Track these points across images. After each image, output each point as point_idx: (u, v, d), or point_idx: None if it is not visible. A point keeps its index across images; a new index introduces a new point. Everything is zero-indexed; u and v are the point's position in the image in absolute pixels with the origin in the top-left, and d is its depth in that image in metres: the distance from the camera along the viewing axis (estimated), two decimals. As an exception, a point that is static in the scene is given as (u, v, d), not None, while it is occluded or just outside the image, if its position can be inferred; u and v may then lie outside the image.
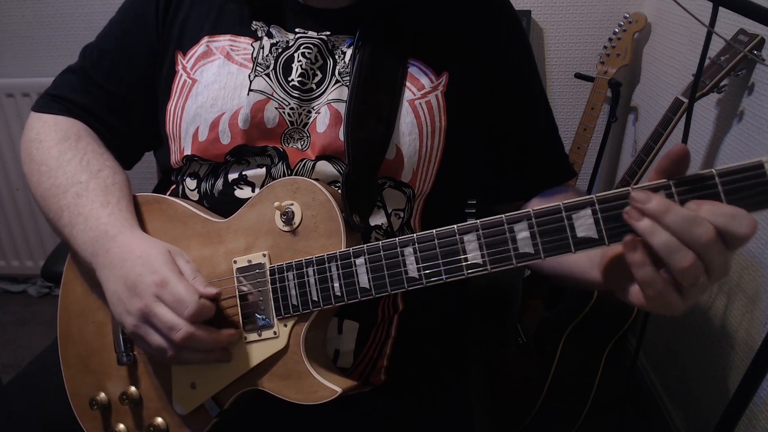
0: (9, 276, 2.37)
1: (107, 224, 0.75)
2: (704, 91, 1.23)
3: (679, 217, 0.50)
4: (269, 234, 0.72)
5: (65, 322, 0.83)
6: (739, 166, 0.50)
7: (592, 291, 1.41)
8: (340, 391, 0.67)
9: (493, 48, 0.82)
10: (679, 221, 0.50)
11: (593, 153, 1.80)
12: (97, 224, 0.75)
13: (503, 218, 0.59)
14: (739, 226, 0.49)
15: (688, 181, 0.52)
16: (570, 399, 1.54)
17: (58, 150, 0.82)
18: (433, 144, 0.79)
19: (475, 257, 0.60)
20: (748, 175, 0.50)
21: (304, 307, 0.69)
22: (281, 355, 0.70)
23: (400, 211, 0.80)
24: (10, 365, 1.98)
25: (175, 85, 0.83)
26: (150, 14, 0.86)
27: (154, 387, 0.77)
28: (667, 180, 0.53)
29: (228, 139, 0.79)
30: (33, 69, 2.05)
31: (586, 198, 0.56)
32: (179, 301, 0.66)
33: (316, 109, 0.79)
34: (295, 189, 0.71)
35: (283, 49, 0.80)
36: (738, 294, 1.27)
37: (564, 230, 0.56)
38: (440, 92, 0.79)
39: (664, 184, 0.53)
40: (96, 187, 0.78)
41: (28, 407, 0.85)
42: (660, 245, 0.51)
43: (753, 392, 1.00)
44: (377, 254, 0.65)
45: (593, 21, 1.83)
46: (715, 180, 0.51)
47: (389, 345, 0.83)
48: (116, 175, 0.82)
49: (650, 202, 0.51)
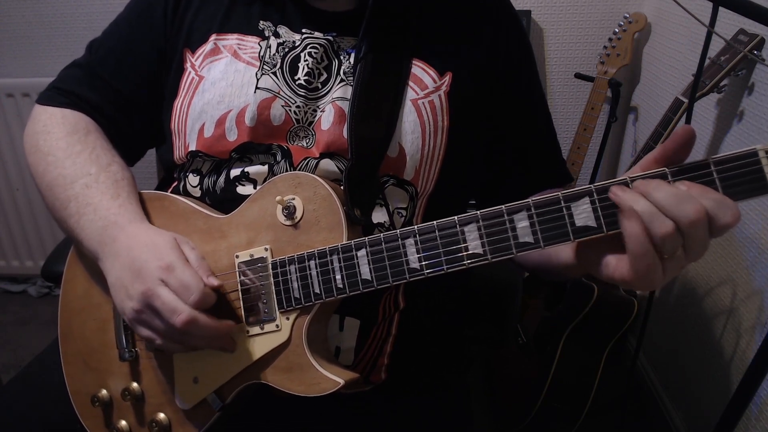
0: (9, 276, 2.36)
1: (117, 215, 0.75)
2: (704, 91, 1.23)
3: (668, 193, 0.52)
4: (271, 228, 0.72)
5: (66, 320, 0.83)
6: (733, 154, 0.52)
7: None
8: (342, 383, 0.67)
9: (494, 49, 0.83)
10: (667, 197, 0.52)
11: (593, 153, 1.81)
12: (107, 214, 0.75)
13: (503, 209, 0.60)
14: (724, 214, 0.51)
15: (685, 169, 0.54)
16: (570, 399, 1.54)
17: (66, 142, 0.82)
18: (436, 143, 0.80)
19: (476, 247, 0.61)
20: (743, 163, 0.52)
21: (306, 300, 0.69)
22: (284, 348, 0.70)
23: (403, 209, 0.81)
24: (10, 365, 1.97)
25: (182, 82, 0.84)
26: (158, 13, 0.86)
27: (156, 382, 0.77)
28: (664, 168, 0.54)
29: (234, 135, 0.79)
30: (33, 69, 2.05)
31: (584, 188, 0.57)
32: (185, 286, 0.67)
33: (321, 107, 0.80)
34: (297, 183, 0.72)
35: (290, 48, 0.81)
36: (738, 294, 1.27)
37: (563, 219, 0.57)
38: (443, 92, 0.80)
39: (661, 172, 0.54)
40: (106, 180, 0.79)
41: (28, 407, 0.85)
42: (643, 211, 0.52)
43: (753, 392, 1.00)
44: (379, 246, 0.65)
45: (593, 21, 1.83)
46: (711, 168, 0.53)
47: (390, 343, 0.83)
48: (124, 171, 0.82)
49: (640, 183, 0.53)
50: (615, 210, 0.55)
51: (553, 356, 1.51)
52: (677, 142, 0.54)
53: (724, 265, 1.33)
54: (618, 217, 0.55)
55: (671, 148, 0.54)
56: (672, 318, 1.59)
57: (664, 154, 0.55)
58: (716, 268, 1.36)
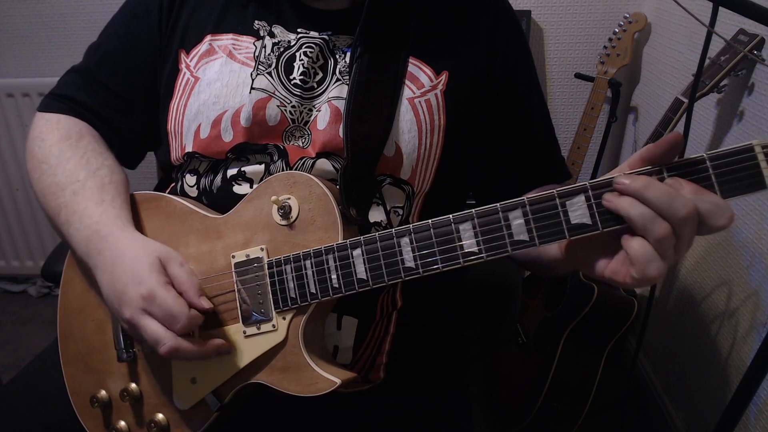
0: (9, 276, 2.37)
1: (99, 223, 0.74)
2: (704, 91, 1.23)
3: (661, 191, 0.52)
4: (267, 228, 0.72)
5: (65, 321, 0.83)
6: (729, 150, 0.52)
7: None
8: (339, 383, 0.67)
9: (491, 47, 0.83)
10: (660, 195, 0.52)
11: (593, 153, 1.81)
12: (90, 223, 0.75)
13: (498, 206, 0.60)
14: (720, 217, 0.52)
15: (680, 165, 0.54)
16: (570, 399, 1.54)
17: (59, 148, 0.82)
18: (432, 142, 0.80)
19: (471, 245, 0.61)
20: (739, 159, 0.52)
21: (302, 299, 0.69)
22: (280, 348, 0.70)
23: (399, 208, 0.81)
24: (10, 365, 1.98)
25: (178, 84, 0.84)
26: (153, 14, 0.86)
27: (155, 383, 0.77)
28: (659, 165, 0.54)
29: (230, 136, 0.79)
30: (33, 69, 2.05)
31: (579, 185, 0.57)
32: (170, 316, 0.67)
33: (317, 107, 0.80)
34: (292, 183, 0.72)
35: (285, 48, 0.81)
36: (736, 295, 1.27)
37: (558, 216, 0.57)
38: (440, 91, 0.80)
39: (656, 169, 0.54)
40: (93, 186, 0.78)
41: (28, 407, 0.85)
42: (638, 216, 0.53)
43: (753, 392, 1.00)
44: (374, 245, 0.65)
45: (593, 21, 1.83)
46: (706, 164, 0.53)
47: (388, 342, 0.83)
48: (114, 174, 0.81)
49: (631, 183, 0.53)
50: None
51: (553, 356, 1.51)
52: (664, 148, 0.54)
53: (722, 267, 1.33)
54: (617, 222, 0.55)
55: (658, 153, 0.55)
56: (672, 318, 1.59)
57: (649, 157, 0.55)
58: (715, 270, 1.36)
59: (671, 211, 0.51)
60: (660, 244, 0.52)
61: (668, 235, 0.52)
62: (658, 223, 0.52)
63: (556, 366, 1.51)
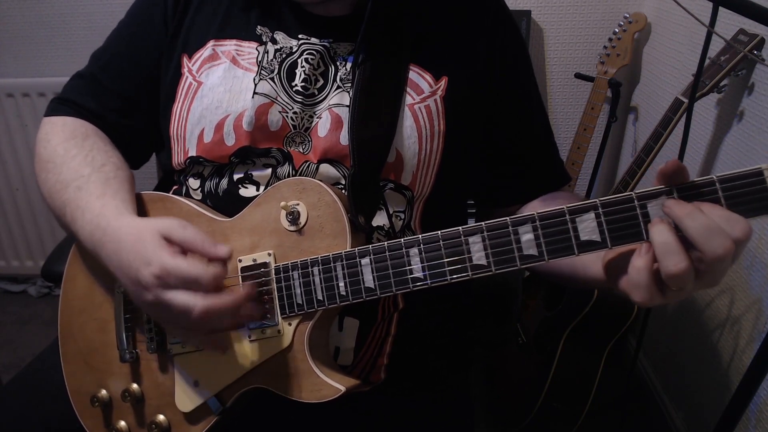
0: (9, 276, 2.36)
1: (99, 216, 0.73)
2: (704, 91, 1.23)
3: (700, 224, 0.52)
4: (274, 233, 0.72)
5: (66, 320, 0.83)
6: (738, 173, 0.52)
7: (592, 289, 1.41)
8: (343, 390, 0.67)
9: (490, 52, 0.83)
10: (698, 227, 0.52)
11: (593, 153, 1.80)
12: (92, 217, 0.74)
13: (508, 221, 0.60)
14: (732, 229, 0.51)
15: (690, 187, 0.54)
16: (570, 399, 1.54)
17: (64, 148, 0.82)
18: (432, 147, 0.80)
19: (480, 258, 0.61)
20: (748, 182, 0.52)
21: (308, 306, 0.69)
22: (285, 353, 0.70)
23: (401, 212, 0.81)
24: (10, 365, 1.97)
25: (180, 88, 0.84)
26: (158, 18, 0.87)
27: (157, 384, 0.77)
28: (669, 186, 0.55)
29: (232, 140, 0.79)
30: (33, 69, 2.05)
31: (589, 202, 0.57)
32: (191, 280, 0.63)
33: (318, 113, 0.80)
34: (302, 189, 0.72)
35: (287, 54, 0.81)
36: (738, 294, 1.27)
37: (567, 233, 0.58)
38: (439, 97, 0.80)
39: (666, 189, 0.54)
40: (96, 180, 0.78)
41: (28, 407, 0.85)
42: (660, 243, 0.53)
43: (753, 392, 1.00)
44: (382, 254, 0.65)
45: (593, 21, 1.83)
46: (715, 186, 0.53)
47: (389, 343, 0.83)
48: (119, 171, 0.81)
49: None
50: (619, 225, 0.56)
51: (553, 356, 1.51)
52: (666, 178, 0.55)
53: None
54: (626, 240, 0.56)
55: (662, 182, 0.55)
56: (672, 318, 1.59)
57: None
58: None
59: (708, 247, 0.52)
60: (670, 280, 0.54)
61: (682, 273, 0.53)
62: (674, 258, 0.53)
63: (556, 366, 1.50)
